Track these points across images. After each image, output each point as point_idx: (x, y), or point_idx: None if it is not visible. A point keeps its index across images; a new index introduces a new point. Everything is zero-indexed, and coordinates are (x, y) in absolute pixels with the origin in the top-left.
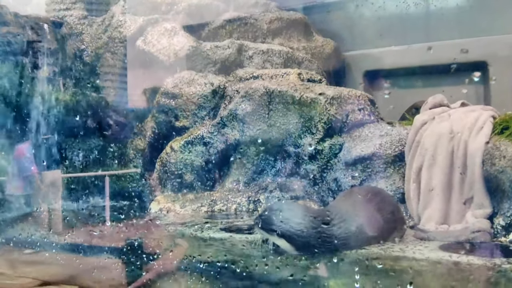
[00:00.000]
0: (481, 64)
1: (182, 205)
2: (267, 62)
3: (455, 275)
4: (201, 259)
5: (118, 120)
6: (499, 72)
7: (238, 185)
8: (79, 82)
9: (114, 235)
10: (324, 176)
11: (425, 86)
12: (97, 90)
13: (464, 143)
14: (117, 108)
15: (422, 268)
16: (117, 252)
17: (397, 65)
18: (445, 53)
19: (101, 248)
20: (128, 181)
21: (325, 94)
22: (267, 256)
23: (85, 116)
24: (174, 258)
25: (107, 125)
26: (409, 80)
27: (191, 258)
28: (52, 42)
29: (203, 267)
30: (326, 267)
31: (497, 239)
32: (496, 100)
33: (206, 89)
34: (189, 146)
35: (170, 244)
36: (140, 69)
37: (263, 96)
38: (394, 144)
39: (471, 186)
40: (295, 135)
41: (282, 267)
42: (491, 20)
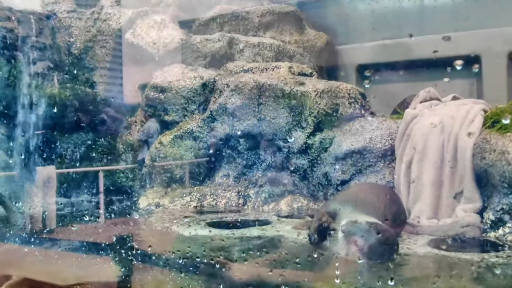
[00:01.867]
0: (474, 58)
1: (171, 200)
2: (258, 56)
3: (443, 269)
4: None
5: (107, 113)
6: (492, 65)
7: (228, 179)
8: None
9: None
10: (314, 170)
11: (417, 80)
12: (87, 84)
13: (454, 136)
14: (106, 101)
15: (410, 262)
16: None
17: (390, 59)
18: (438, 47)
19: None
20: (117, 176)
21: (315, 87)
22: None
23: (74, 110)
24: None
25: (97, 119)
26: (401, 74)
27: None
28: (47, 38)
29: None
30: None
31: (487, 233)
32: (489, 94)
33: (195, 83)
34: (178, 141)
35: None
36: (129, 62)
37: (253, 90)
38: (384, 138)
39: (461, 180)
40: (285, 129)
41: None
42: (484, 14)
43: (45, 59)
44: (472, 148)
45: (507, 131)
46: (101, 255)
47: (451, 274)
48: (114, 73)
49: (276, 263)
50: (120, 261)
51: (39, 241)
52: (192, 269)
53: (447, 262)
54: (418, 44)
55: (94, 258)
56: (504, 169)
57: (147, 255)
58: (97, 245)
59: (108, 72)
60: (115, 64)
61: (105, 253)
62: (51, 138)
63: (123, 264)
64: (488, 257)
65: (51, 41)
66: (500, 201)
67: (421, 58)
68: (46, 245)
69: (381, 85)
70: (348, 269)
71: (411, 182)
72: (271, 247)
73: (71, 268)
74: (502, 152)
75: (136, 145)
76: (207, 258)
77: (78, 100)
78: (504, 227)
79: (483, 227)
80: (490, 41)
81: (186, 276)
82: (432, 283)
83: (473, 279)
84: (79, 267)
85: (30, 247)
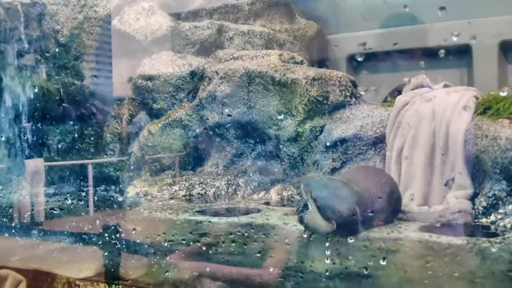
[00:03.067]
0: (465, 47)
1: (159, 189)
2: (248, 44)
3: (434, 255)
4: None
5: (94, 104)
6: (483, 55)
7: (217, 168)
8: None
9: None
10: (305, 158)
11: (409, 70)
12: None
13: (446, 123)
14: (93, 91)
15: (401, 248)
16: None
17: (381, 48)
18: (429, 36)
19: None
20: (105, 165)
21: (306, 75)
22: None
23: (61, 99)
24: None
25: (84, 109)
26: (392, 63)
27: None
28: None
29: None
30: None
31: (478, 220)
32: (479, 83)
33: (184, 70)
34: (167, 129)
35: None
36: (116, 49)
37: (243, 77)
38: (375, 125)
39: (452, 167)
40: (275, 117)
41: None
42: (475, 3)
43: (33, 51)
44: (464, 134)
45: (499, 117)
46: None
47: (442, 259)
48: (102, 59)
49: (265, 246)
50: (107, 248)
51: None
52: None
53: (438, 248)
54: (409, 33)
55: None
56: (496, 154)
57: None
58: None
59: (94, 59)
60: (103, 51)
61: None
62: (39, 130)
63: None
64: (481, 242)
65: (39, 32)
66: (492, 187)
67: (412, 48)
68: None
69: (372, 75)
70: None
71: (402, 170)
72: (260, 232)
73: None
74: (494, 137)
75: (125, 137)
76: (194, 241)
77: (66, 91)
78: (496, 213)
79: (474, 213)
80: (481, 31)
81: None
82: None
83: (464, 263)
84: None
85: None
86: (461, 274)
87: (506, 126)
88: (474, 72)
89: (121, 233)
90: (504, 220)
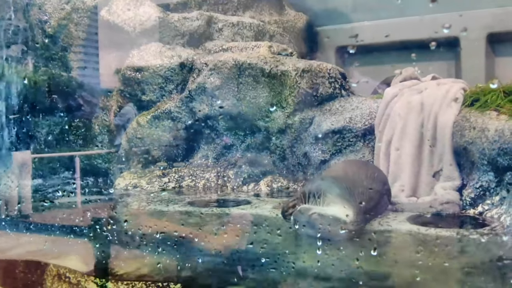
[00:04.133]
0: (453, 40)
1: (148, 181)
2: (237, 35)
3: (422, 245)
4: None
5: (82, 95)
6: (470, 48)
7: (206, 160)
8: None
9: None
10: (294, 150)
11: (397, 62)
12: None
13: (434, 115)
14: (80, 83)
15: (389, 239)
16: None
17: (370, 40)
18: (418, 29)
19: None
20: (94, 157)
21: (295, 66)
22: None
23: (49, 91)
24: None
25: (72, 101)
26: (382, 55)
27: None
28: (20, 20)
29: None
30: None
31: (466, 211)
32: (467, 76)
33: (173, 62)
34: (156, 121)
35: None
36: (104, 41)
37: (232, 69)
38: (364, 117)
39: (440, 159)
40: (265, 109)
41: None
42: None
43: (20, 42)
44: (452, 126)
45: (486, 109)
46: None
47: (431, 249)
48: (90, 50)
49: (256, 237)
50: (96, 239)
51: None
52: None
53: (427, 239)
54: (398, 26)
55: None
56: (484, 146)
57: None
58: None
59: (82, 50)
60: (91, 43)
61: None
62: (27, 122)
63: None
64: (469, 233)
65: (26, 23)
66: (480, 178)
67: (401, 40)
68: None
69: (361, 67)
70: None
71: (391, 161)
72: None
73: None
74: (482, 129)
75: (113, 129)
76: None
77: (53, 82)
78: (483, 204)
79: (462, 204)
80: (469, 23)
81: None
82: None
83: (453, 254)
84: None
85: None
86: (451, 264)
87: (494, 118)
88: (462, 65)
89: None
90: (491, 211)
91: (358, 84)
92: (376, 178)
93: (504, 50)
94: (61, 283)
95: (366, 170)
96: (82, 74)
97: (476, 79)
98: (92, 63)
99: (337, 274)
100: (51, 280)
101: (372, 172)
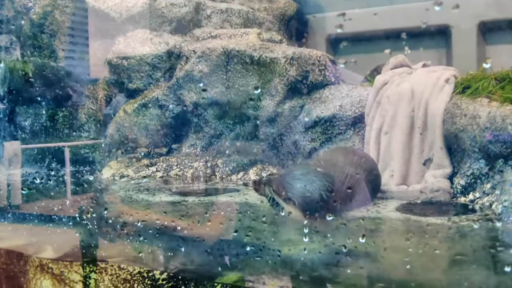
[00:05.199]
0: (444, 28)
1: (136, 171)
2: (226, 22)
3: (414, 232)
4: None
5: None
6: (462, 36)
7: (195, 149)
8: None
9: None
10: (284, 139)
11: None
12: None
13: (425, 103)
14: (67, 70)
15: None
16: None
17: (361, 28)
18: (409, 17)
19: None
20: (80, 147)
21: (285, 54)
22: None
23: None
24: None
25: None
26: (372, 44)
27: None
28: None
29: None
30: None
31: (457, 198)
32: (458, 64)
33: (161, 49)
34: (143, 109)
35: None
36: (90, 27)
37: (221, 56)
38: (354, 105)
39: (431, 146)
40: (254, 97)
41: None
42: None
43: (8, 31)
44: (442, 114)
45: (477, 96)
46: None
47: (422, 236)
48: (76, 37)
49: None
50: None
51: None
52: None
53: (418, 226)
54: (389, 14)
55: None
56: (475, 133)
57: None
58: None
59: (67, 38)
60: (77, 30)
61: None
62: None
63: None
64: (459, 220)
65: (13, 12)
66: (471, 166)
67: (392, 28)
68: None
69: (351, 55)
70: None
71: (381, 149)
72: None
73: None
74: (473, 116)
75: (101, 118)
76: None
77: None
78: (474, 191)
79: (453, 192)
80: (460, 12)
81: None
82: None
83: (444, 241)
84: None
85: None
86: (442, 252)
87: (485, 105)
88: (453, 53)
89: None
90: (482, 198)
91: (346, 64)
92: (360, 165)
93: (495, 38)
94: (43, 274)
95: (351, 157)
96: (68, 62)
97: (467, 67)
98: (78, 50)
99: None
100: (33, 271)
101: (358, 159)
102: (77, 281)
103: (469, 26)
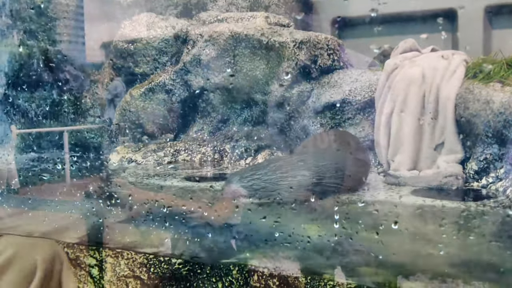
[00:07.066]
0: (450, 12)
1: (143, 156)
2: (232, 5)
3: (429, 217)
4: None
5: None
6: (468, 20)
7: (202, 134)
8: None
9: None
10: (292, 124)
11: (393, 34)
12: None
13: (436, 87)
14: (70, 54)
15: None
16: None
17: (367, 13)
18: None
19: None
20: (86, 131)
21: (293, 38)
22: None
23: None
24: None
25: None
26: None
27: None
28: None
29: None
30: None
31: (469, 184)
32: (464, 49)
33: (167, 33)
34: (150, 94)
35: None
36: (94, 11)
37: (228, 40)
38: (364, 90)
39: (442, 131)
40: (262, 82)
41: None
42: None
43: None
44: (454, 98)
45: (490, 81)
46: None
47: (440, 221)
48: (79, 21)
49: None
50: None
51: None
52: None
53: (434, 210)
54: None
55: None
56: (488, 118)
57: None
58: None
59: (72, 22)
60: (80, 14)
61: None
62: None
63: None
64: (475, 205)
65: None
66: (484, 151)
67: (398, 12)
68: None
69: (357, 39)
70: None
71: (391, 134)
72: None
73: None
74: (486, 101)
75: (104, 103)
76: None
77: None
78: (487, 176)
79: (465, 177)
80: None
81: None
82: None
83: (462, 225)
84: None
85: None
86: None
87: (499, 90)
88: (458, 37)
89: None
90: (495, 184)
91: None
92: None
93: (502, 22)
94: None
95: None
96: (71, 46)
97: (473, 52)
98: (81, 34)
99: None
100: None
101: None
102: (93, 265)
103: (476, 9)
